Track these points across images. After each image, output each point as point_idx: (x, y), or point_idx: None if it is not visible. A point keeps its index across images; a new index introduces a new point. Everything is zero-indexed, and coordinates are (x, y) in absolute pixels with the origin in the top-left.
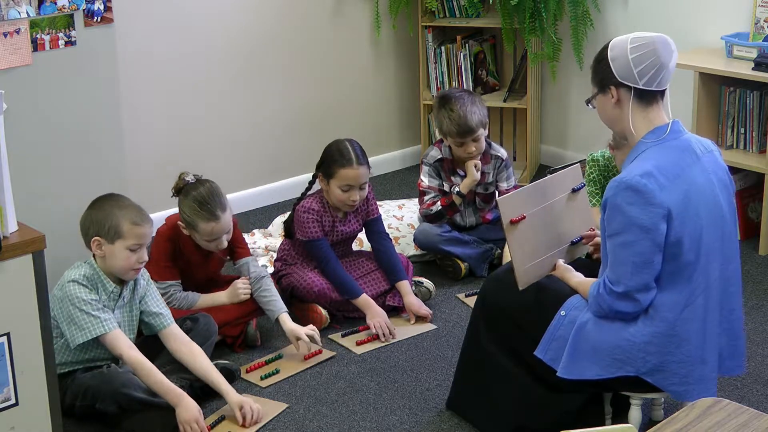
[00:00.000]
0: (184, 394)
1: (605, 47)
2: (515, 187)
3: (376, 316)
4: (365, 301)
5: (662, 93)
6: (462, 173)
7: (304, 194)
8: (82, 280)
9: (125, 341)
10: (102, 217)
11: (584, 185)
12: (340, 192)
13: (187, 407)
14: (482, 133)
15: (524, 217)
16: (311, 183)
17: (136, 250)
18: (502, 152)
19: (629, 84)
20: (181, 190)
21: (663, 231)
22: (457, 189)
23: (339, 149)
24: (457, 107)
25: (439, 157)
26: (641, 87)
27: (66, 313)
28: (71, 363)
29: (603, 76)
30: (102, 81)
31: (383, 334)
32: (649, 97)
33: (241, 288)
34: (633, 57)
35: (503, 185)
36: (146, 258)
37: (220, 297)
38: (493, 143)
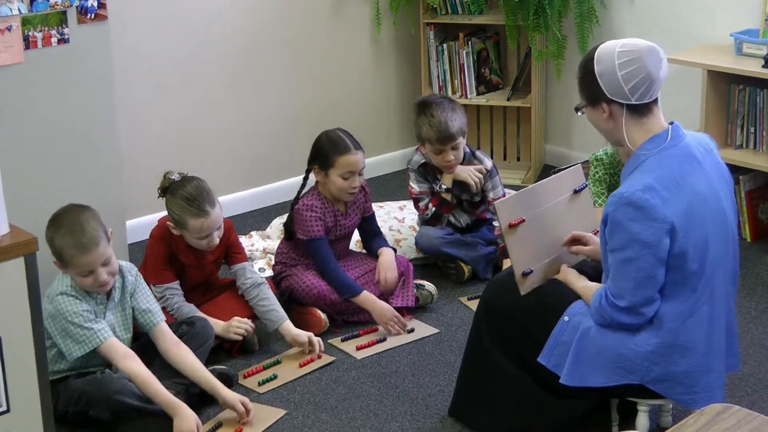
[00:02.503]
0: (182, 404)
1: (590, 58)
2: (503, 196)
3: (384, 313)
4: (367, 298)
5: (656, 100)
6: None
7: (300, 192)
8: (71, 291)
9: (121, 350)
10: (50, 242)
11: (586, 186)
12: (341, 181)
13: (185, 417)
14: (461, 141)
15: (523, 220)
16: (305, 179)
17: (88, 275)
18: (487, 162)
19: (621, 101)
20: (167, 189)
21: (666, 246)
22: (443, 186)
23: (332, 138)
24: (438, 113)
25: (423, 161)
26: (633, 103)
27: (59, 327)
28: (64, 370)
29: (591, 91)
30: (96, 80)
31: (398, 330)
32: (643, 108)
33: (236, 327)
34: (623, 73)
35: (491, 195)
36: (104, 278)
37: (215, 324)
38: (477, 152)
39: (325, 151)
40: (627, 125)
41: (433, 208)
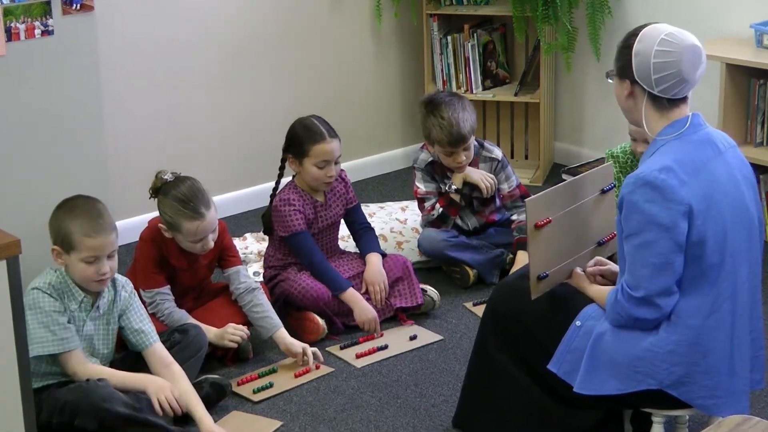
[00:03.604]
0: (152, 376)
1: (635, 33)
2: (519, 186)
3: (365, 312)
4: (352, 295)
5: (685, 98)
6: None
7: (277, 182)
8: (47, 289)
9: (77, 359)
10: (57, 226)
11: (614, 186)
12: (316, 170)
13: (155, 381)
14: (472, 140)
15: (550, 221)
16: (281, 169)
17: (93, 262)
18: (497, 153)
19: (644, 87)
20: (159, 189)
21: (684, 230)
22: (453, 187)
23: (306, 126)
24: (448, 114)
25: (430, 159)
26: (656, 93)
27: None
28: (45, 375)
29: (622, 65)
30: (82, 74)
31: (370, 330)
32: (665, 102)
33: (231, 334)
34: (655, 62)
35: (504, 187)
36: (106, 270)
37: (209, 331)
38: (485, 143)
39: (299, 140)
40: (646, 110)
41: (440, 209)
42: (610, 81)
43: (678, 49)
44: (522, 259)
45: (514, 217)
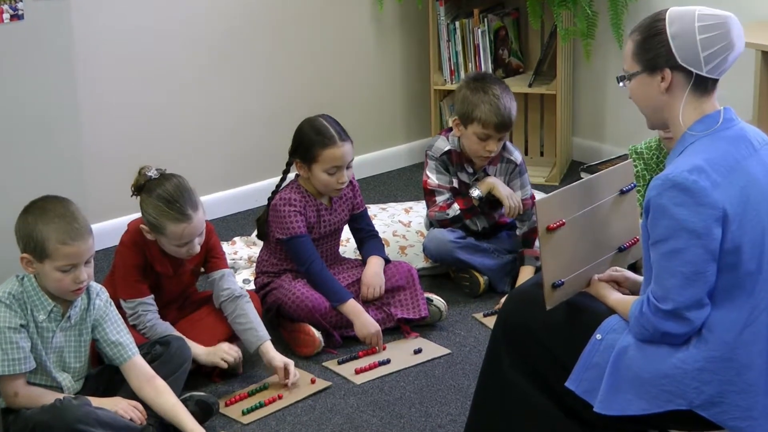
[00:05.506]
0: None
1: (657, 20)
2: (531, 197)
3: (367, 326)
4: (353, 307)
5: (716, 81)
6: (470, 170)
7: (278, 187)
8: (7, 299)
9: (13, 388)
10: (27, 232)
11: (635, 186)
12: (326, 176)
13: (109, 402)
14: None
15: (563, 224)
16: (285, 172)
17: (69, 270)
18: (517, 155)
19: (691, 69)
20: (142, 187)
21: (717, 236)
22: (477, 193)
23: (315, 128)
24: (501, 94)
25: (447, 149)
26: (704, 74)
27: None
28: None
29: (656, 55)
30: (54, 62)
31: (371, 344)
32: (708, 84)
33: (225, 354)
34: (702, 38)
35: (518, 194)
36: (84, 277)
37: (197, 349)
38: (507, 143)
39: (308, 143)
40: (686, 100)
41: (458, 210)
42: (622, 86)
43: (721, 21)
44: (525, 276)
45: (518, 232)
